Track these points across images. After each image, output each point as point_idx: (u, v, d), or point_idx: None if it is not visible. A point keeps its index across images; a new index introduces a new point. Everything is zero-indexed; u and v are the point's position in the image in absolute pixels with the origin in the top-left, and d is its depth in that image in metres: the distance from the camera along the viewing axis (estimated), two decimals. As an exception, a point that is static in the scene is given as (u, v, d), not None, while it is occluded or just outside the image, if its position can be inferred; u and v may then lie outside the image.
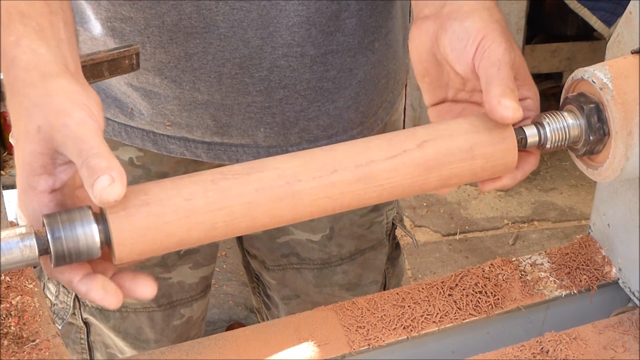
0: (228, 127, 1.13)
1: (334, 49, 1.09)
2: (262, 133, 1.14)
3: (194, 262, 1.30)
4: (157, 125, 1.14)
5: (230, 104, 1.10)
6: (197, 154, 1.15)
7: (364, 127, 1.20)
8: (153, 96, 1.11)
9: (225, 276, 2.58)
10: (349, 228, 1.31)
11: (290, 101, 1.11)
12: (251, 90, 1.09)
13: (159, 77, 1.08)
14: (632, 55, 0.85)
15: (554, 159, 3.08)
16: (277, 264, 1.35)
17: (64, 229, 0.71)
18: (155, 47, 1.05)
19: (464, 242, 2.76)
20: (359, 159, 0.79)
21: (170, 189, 0.74)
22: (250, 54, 1.06)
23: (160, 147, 1.15)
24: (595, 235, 1.04)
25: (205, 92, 1.09)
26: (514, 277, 1.00)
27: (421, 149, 0.80)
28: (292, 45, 1.06)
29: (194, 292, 1.33)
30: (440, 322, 0.96)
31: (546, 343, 0.92)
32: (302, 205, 0.78)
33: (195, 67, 1.07)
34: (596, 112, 0.83)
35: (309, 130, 1.15)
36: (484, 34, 0.84)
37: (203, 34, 1.03)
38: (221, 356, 0.92)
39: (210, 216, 0.75)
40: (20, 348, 0.85)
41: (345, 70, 1.12)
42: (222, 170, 0.77)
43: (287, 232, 1.31)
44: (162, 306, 1.30)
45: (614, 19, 2.63)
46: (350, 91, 1.15)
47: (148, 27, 1.04)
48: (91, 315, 1.30)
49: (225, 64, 1.06)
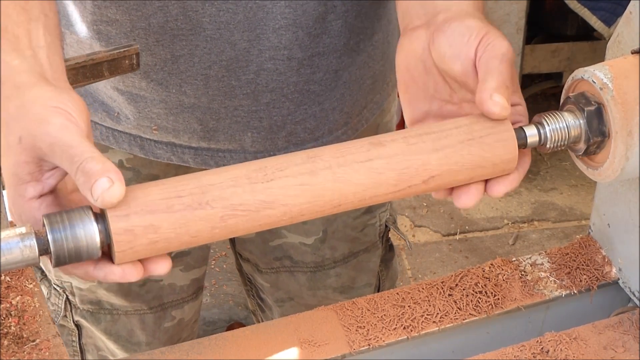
0: (215, 131, 1.12)
1: (320, 51, 1.08)
2: (249, 138, 1.13)
3: (185, 264, 1.30)
4: (144, 130, 1.13)
5: (217, 108, 1.10)
6: (184, 159, 1.15)
7: (348, 128, 1.19)
8: (139, 100, 1.10)
9: (225, 276, 2.57)
10: (342, 231, 1.31)
11: (277, 105, 1.11)
12: (238, 94, 1.09)
13: (145, 80, 1.07)
14: (632, 55, 0.85)
15: (554, 159, 3.08)
16: (270, 267, 1.35)
17: (64, 229, 0.71)
18: (142, 50, 1.04)
19: (464, 242, 2.76)
20: (367, 194, 0.80)
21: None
22: (237, 56, 1.05)
23: (148, 152, 1.15)
24: (595, 235, 1.04)
25: (191, 96, 1.08)
26: (514, 277, 1.00)
27: (426, 184, 0.81)
28: (279, 48, 1.05)
29: (185, 294, 1.33)
30: (440, 322, 0.96)
31: (546, 343, 0.92)
32: None
33: (182, 69, 1.06)
34: (597, 114, 0.83)
35: (296, 133, 1.15)
36: (487, 30, 0.83)
37: (189, 36, 1.03)
38: (221, 356, 0.92)
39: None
40: (20, 348, 0.85)
41: (331, 72, 1.12)
42: (232, 205, 0.76)
43: (280, 235, 1.31)
44: (153, 308, 1.30)
45: (614, 19, 2.63)
46: (336, 93, 1.14)
47: (134, 30, 1.03)
48: (82, 317, 1.30)
49: (212, 66, 1.06)
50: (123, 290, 1.26)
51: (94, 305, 1.28)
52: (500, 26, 2.68)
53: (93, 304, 1.28)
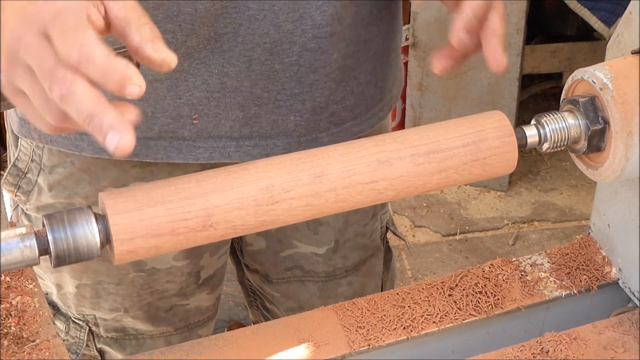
0: (257, 117, 1.08)
1: (350, 22, 1.06)
2: (292, 122, 1.10)
3: (211, 287, 1.29)
4: (183, 123, 1.07)
5: (259, 93, 1.07)
6: (226, 154, 1.09)
7: (383, 104, 1.19)
8: (180, 84, 1.05)
9: (225, 276, 2.57)
10: (353, 239, 1.30)
11: (320, 85, 1.09)
12: (281, 77, 1.06)
13: (187, 60, 1.03)
14: (632, 56, 0.85)
15: (554, 159, 3.08)
16: (281, 277, 1.34)
17: (64, 229, 0.71)
18: (187, 34, 1.01)
19: (464, 243, 2.76)
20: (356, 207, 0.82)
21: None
22: (281, 39, 1.03)
23: (187, 155, 1.09)
24: (595, 236, 1.04)
25: (234, 78, 1.05)
26: (514, 277, 1.00)
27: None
28: (322, 25, 1.03)
29: (211, 312, 1.33)
30: (440, 322, 0.96)
31: (546, 343, 0.92)
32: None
33: (225, 48, 1.02)
34: (591, 104, 0.83)
35: (338, 113, 1.13)
36: None
37: (233, 13, 1.00)
38: (221, 356, 0.92)
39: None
40: (20, 348, 0.85)
41: (361, 42, 1.10)
42: (234, 226, 0.77)
43: (290, 245, 1.29)
44: (179, 329, 1.28)
45: (614, 19, 2.63)
46: (368, 65, 1.13)
47: (180, 14, 1.00)
48: (106, 345, 1.27)
49: (255, 48, 1.03)
50: (149, 316, 1.24)
51: (118, 332, 1.26)
52: (500, 26, 2.67)
53: (118, 332, 1.26)
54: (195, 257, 1.22)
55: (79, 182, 1.13)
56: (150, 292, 1.21)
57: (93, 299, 1.22)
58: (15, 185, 1.17)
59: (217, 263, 1.28)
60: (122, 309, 1.22)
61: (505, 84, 2.77)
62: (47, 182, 1.15)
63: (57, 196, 1.15)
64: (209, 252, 1.24)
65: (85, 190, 1.13)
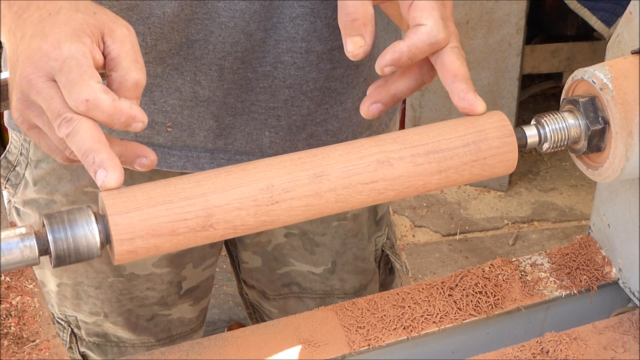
0: (232, 128, 1.09)
1: (340, 45, 1.05)
2: (267, 138, 1.10)
3: (194, 298, 1.28)
4: (158, 129, 1.08)
5: (233, 103, 1.07)
6: (199, 165, 1.10)
7: (371, 131, 1.17)
8: (154, 89, 1.06)
9: (225, 276, 2.57)
10: (352, 263, 1.29)
11: (296, 103, 1.08)
12: (254, 87, 1.06)
13: (160, 65, 1.04)
14: (632, 56, 0.85)
15: (554, 159, 3.09)
16: (278, 294, 1.33)
17: (64, 229, 0.71)
18: (157, 38, 1.02)
19: (464, 243, 2.76)
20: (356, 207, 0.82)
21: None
22: (253, 47, 1.02)
23: (161, 162, 1.10)
24: (595, 236, 1.04)
25: (206, 87, 1.05)
26: (514, 277, 1.00)
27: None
28: (297, 39, 1.03)
29: (194, 324, 1.32)
30: (440, 323, 0.96)
31: (546, 343, 0.92)
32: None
33: (197, 55, 1.03)
34: (592, 104, 0.83)
35: (317, 135, 1.12)
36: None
37: (204, 20, 1.00)
38: (221, 356, 0.92)
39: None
40: (20, 348, 0.85)
41: (352, 67, 1.09)
42: (234, 226, 0.77)
43: (287, 263, 1.29)
44: (160, 340, 1.28)
45: (614, 19, 2.63)
46: (357, 90, 1.11)
47: (151, 17, 1.00)
48: (89, 349, 1.28)
49: (227, 57, 1.03)
50: (130, 324, 1.24)
51: (100, 337, 1.26)
52: (500, 26, 2.68)
53: (99, 337, 1.26)
54: (177, 267, 1.22)
55: (61, 179, 1.14)
56: (130, 299, 1.21)
57: (74, 299, 1.22)
58: (5, 177, 1.17)
59: (201, 275, 1.27)
60: (102, 313, 1.22)
61: (505, 84, 2.77)
62: (32, 176, 1.15)
63: (40, 191, 1.15)
64: (192, 264, 1.24)
65: (65, 188, 1.14)
